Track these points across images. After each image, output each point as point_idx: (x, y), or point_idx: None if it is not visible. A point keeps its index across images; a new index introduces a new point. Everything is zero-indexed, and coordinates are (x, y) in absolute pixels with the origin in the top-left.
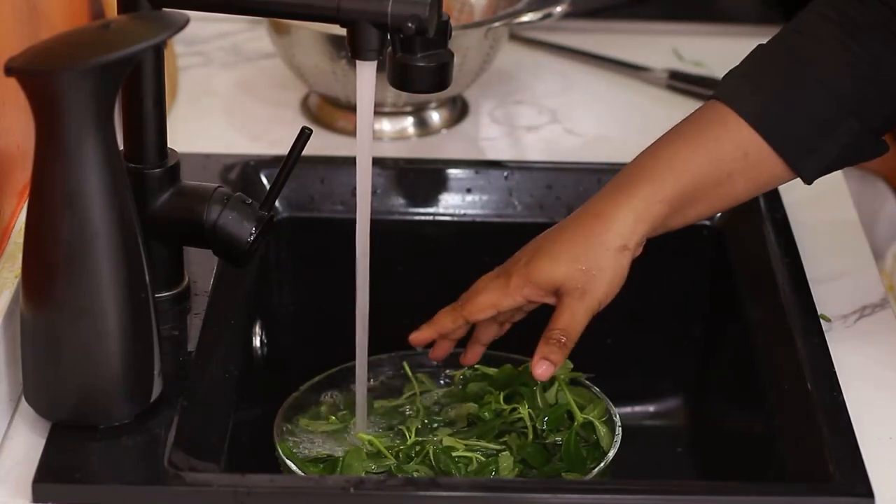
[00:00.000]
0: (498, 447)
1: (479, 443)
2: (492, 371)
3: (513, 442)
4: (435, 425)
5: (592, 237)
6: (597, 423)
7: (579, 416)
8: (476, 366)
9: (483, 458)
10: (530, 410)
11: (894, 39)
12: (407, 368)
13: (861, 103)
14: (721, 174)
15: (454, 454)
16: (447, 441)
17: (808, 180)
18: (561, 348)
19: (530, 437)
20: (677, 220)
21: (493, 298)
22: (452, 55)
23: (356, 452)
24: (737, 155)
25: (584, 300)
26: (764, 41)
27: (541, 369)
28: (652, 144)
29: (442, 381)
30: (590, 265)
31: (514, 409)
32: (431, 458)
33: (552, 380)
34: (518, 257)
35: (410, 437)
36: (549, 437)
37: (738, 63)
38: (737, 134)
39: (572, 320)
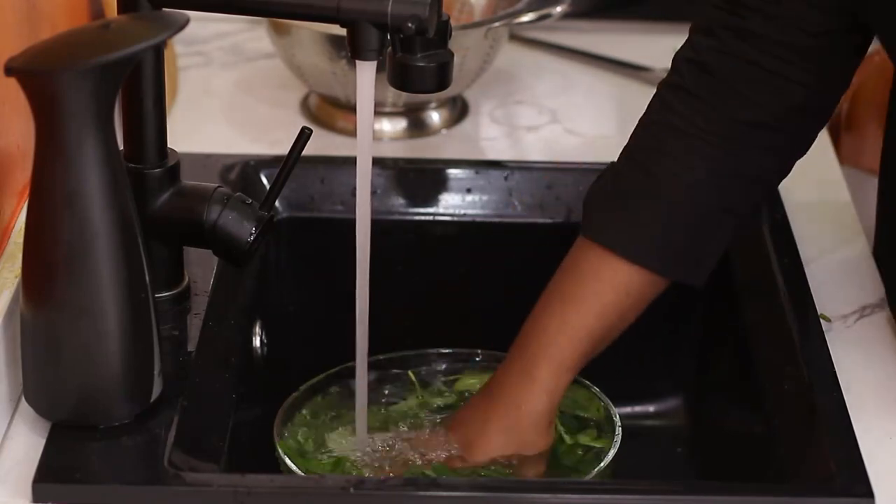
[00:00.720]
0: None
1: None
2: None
3: None
4: (429, 417)
5: (520, 431)
6: (596, 425)
7: (568, 440)
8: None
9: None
10: None
11: (742, 125)
12: (413, 378)
13: (729, 197)
14: (611, 322)
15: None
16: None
17: (701, 284)
18: None
19: None
20: (581, 369)
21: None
22: (452, 55)
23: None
24: (620, 298)
25: (535, 469)
26: None
27: None
28: (538, 310)
29: (441, 382)
30: (527, 449)
31: None
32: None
33: None
34: (451, 440)
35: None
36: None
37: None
38: (614, 279)
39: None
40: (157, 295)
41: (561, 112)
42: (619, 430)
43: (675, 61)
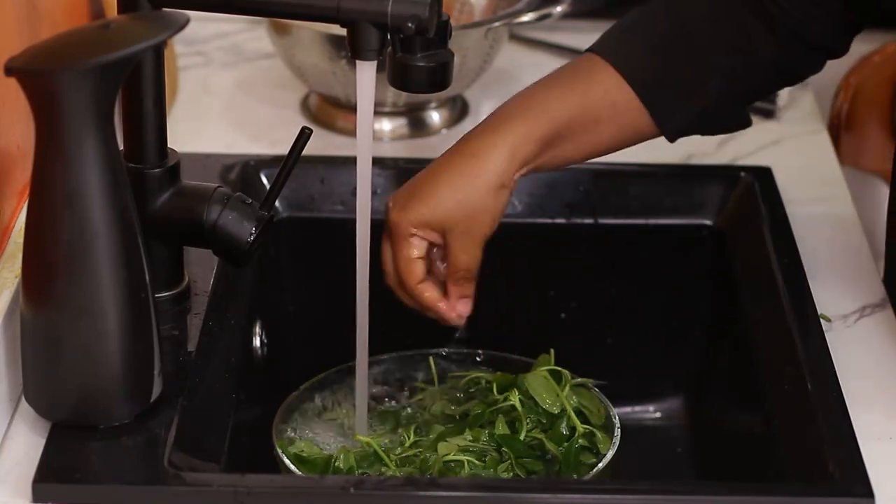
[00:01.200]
0: (489, 446)
1: (472, 443)
2: (492, 375)
3: (503, 439)
4: (429, 417)
5: (471, 178)
6: (596, 431)
7: (580, 427)
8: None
9: (476, 462)
10: (521, 397)
11: (765, 14)
12: (433, 365)
13: (729, 65)
14: (589, 118)
15: (448, 458)
16: (442, 448)
17: (671, 137)
18: (470, 283)
19: (523, 433)
20: (546, 161)
21: (390, 256)
22: (452, 55)
23: (346, 454)
24: (605, 103)
25: (474, 238)
26: None
27: (463, 307)
28: (524, 89)
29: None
30: (474, 205)
31: (507, 399)
32: (427, 464)
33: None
34: (395, 202)
35: (409, 439)
36: (544, 438)
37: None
38: (607, 83)
39: (470, 257)
40: (157, 295)
41: None
42: (618, 431)
43: None
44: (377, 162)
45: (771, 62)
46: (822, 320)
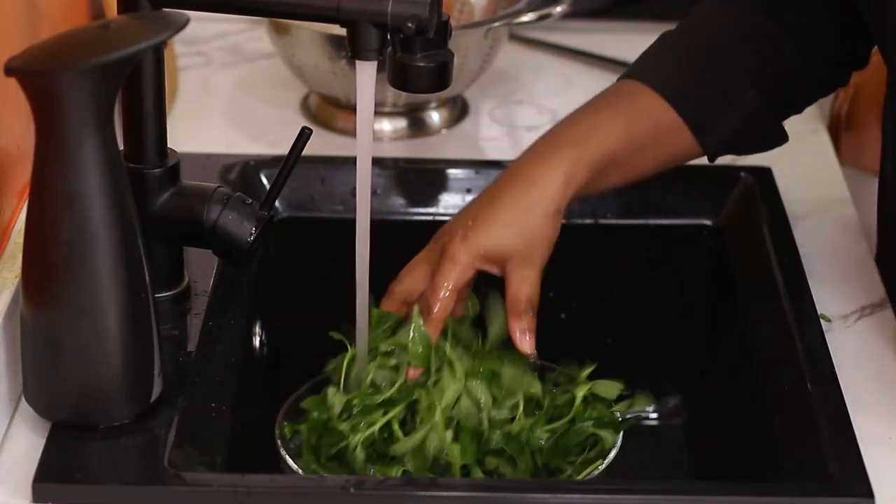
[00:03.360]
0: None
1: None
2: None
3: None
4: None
5: (530, 204)
6: (601, 432)
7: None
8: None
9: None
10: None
11: (784, 26)
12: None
13: (762, 78)
14: (636, 143)
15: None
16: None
17: (711, 155)
18: (533, 316)
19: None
20: (594, 187)
21: (445, 279)
22: (452, 55)
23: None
24: (650, 125)
25: (534, 267)
26: None
27: (527, 344)
28: (570, 115)
29: None
30: (532, 232)
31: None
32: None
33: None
34: (453, 232)
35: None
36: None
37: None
38: (650, 106)
39: (531, 289)
40: (157, 295)
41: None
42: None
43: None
44: (377, 162)
45: (798, 72)
46: (822, 320)
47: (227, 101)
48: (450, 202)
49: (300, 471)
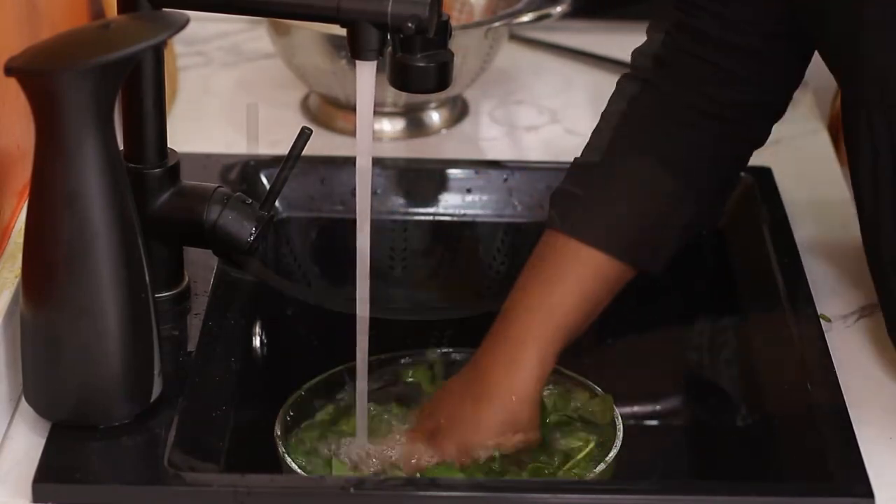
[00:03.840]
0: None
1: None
2: None
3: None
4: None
5: (513, 410)
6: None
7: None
8: None
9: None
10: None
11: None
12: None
13: (684, 184)
14: (592, 303)
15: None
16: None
17: (659, 272)
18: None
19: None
20: (561, 351)
21: (402, 447)
22: (452, 55)
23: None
24: (599, 283)
25: (527, 439)
26: None
27: None
28: (520, 296)
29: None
30: (518, 422)
31: None
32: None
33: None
34: (431, 435)
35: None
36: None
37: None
38: (596, 265)
39: (534, 440)
40: (157, 295)
41: (561, 112)
42: (620, 432)
43: (633, 57)
44: (377, 162)
45: (724, 147)
46: (822, 320)
47: (227, 101)
48: (450, 202)
49: (300, 471)
